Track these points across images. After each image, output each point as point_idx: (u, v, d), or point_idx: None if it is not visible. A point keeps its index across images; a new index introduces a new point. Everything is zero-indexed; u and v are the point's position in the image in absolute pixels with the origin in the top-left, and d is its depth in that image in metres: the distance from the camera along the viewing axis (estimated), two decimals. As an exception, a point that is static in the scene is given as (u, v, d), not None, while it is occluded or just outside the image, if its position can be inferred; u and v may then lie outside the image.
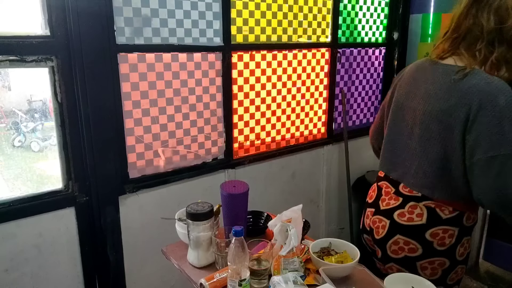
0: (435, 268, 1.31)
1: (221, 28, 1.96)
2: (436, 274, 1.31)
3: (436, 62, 1.28)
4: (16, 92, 1.71)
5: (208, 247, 1.29)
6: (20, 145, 1.90)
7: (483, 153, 1.12)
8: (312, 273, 1.23)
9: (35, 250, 1.62)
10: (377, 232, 1.39)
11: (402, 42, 2.88)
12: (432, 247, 1.28)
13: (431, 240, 1.28)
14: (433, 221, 1.27)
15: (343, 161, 2.73)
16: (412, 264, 1.32)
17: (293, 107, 2.42)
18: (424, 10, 2.75)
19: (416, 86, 1.30)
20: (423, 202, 1.29)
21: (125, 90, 1.73)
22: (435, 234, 1.27)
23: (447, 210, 1.27)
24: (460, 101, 1.15)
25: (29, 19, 1.52)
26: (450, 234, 1.27)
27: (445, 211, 1.27)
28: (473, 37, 1.18)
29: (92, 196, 1.70)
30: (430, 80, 1.26)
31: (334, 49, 2.52)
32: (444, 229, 1.27)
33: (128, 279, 1.88)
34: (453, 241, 1.28)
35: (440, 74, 1.24)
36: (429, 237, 1.28)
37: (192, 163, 2.02)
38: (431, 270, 1.31)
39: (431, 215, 1.27)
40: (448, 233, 1.27)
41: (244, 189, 1.37)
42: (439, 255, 1.29)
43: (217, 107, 2.05)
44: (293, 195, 2.51)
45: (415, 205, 1.30)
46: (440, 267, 1.30)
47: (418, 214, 1.29)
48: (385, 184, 1.43)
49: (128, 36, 1.69)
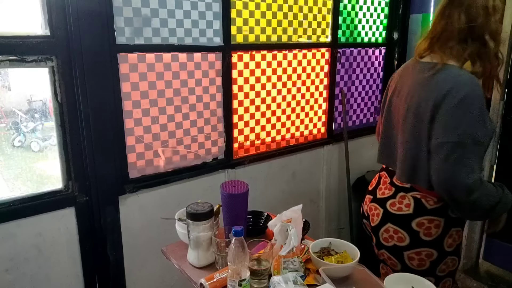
0: (422, 259, 1.34)
1: (221, 28, 1.96)
2: (423, 265, 1.35)
3: (417, 60, 1.38)
4: (16, 92, 1.71)
5: (208, 247, 1.29)
6: (20, 145, 1.90)
7: (436, 138, 1.22)
8: (312, 273, 1.24)
9: (35, 250, 1.62)
10: (372, 219, 1.46)
11: (402, 42, 2.88)
12: (419, 237, 1.33)
13: (417, 230, 1.33)
14: (419, 211, 1.33)
15: (343, 161, 2.73)
16: (400, 253, 1.37)
17: (293, 107, 2.42)
18: (424, 10, 2.75)
19: (401, 84, 1.40)
20: (411, 193, 1.36)
21: (125, 90, 1.73)
22: (420, 224, 1.33)
23: (432, 201, 1.32)
24: (430, 94, 1.24)
25: (29, 19, 1.52)
26: (436, 224, 1.32)
27: (430, 202, 1.33)
28: (447, 36, 1.27)
29: (92, 196, 1.70)
30: (410, 78, 1.36)
31: (334, 49, 2.52)
32: (429, 219, 1.32)
33: (128, 279, 1.88)
34: (440, 232, 1.32)
35: (417, 71, 1.34)
36: (415, 226, 1.33)
37: (192, 163, 2.02)
38: (418, 261, 1.35)
39: (417, 205, 1.34)
40: (433, 223, 1.32)
41: (244, 189, 1.37)
42: (426, 246, 1.33)
43: (217, 107, 2.05)
44: (293, 195, 2.51)
45: (404, 196, 1.37)
46: (428, 258, 1.34)
47: (406, 204, 1.35)
48: (384, 174, 1.52)
49: (128, 36, 1.69)
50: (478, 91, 1.20)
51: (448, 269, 1.38)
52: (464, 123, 1.18)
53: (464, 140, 1.18)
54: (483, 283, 2.62)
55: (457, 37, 1.25)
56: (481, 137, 1.18)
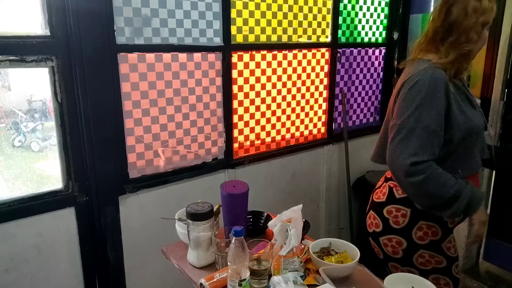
0: (394, 246, 1.41)
1: (221, 28, 1.96)
2: (397, 253, 1.41)
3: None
4: (16, 92, 1.71)
5: (208, 247, 1.29)
6: (20, 145, 1.90)
7: (391, 121, 1.34)
8: (312, 273, 1.24)
9: (35, 250, 1.62)
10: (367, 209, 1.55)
11: (402, 42, 2.88)
12: (389, 224, 1.40)
13: (387, 217, 1.41)
14: (389, 200, 1.42)
15: (343, 161, 2.73)
16: (377, 239, 1.46)
17: (293, 107, 2.42)
18: (424, 10, 2.75)
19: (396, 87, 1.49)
20: (388, 182, 1.46)
21: (125, 90, 1.73)
22: (389, 212, 1.42)
23: (401, 190, 1.38)
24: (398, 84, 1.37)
25: (29, 19, 1.52)
26: (403, 214, 1.38)
27: (399, 191, 1.40)
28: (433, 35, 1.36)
29: (92, 196, 1.70)
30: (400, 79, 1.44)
31: (334, 49, 2.52)
32: (396, 208, 1.39)
33: (128, 279, 1.88)
34: (407, 222, 1.38)
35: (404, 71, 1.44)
36: (386, 213, 1.42)
37: (192, 163, 2.02)
38: (391, 248, 1.41)
39: (389, 193, 1.43)
40: (400, 212, 1.39)
41: (244, 189, 1.37)
42: (395, 233, 1.40)
43: (217, 107, 2.05)
44: (293, 195, 2.51)
45: (385, 185, 1.48)
46: (399, 246, 1.40)
47: (383, 192, 1.46)
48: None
49: (128, 36, 1.69)
50: (433, 79, 1.26)
51: (431, 265, 1.39)
52: (411, 107, 1.25)
53: (408, 122, 1.25)
54: (483, 283, 2.62)
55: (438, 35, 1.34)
56: (428, 122, 1.24)
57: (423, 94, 1.25)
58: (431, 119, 1.24)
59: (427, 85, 1.25)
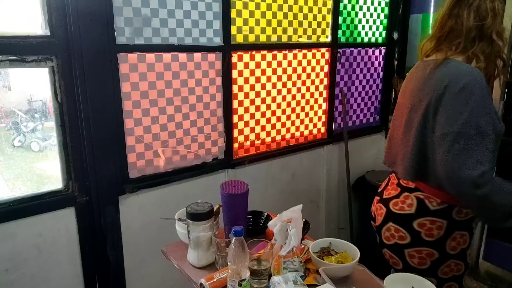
0: (423, 257, 1.34)
1: (221, 28, 1.96)
2: (424, 264, 1.34)
3: (422, 60, 1.39)
4: (16, 92, 1.71)
5: (208, 247, 1.29)
6: (20, 145, 1.90)
7: (440, 130, 1.21)
8: (312, 273, 1.23)
9: (35, 250, 1.62)
10: (377, 219, 1.47)
11: (402, 42, 2.88)
12: (420, 237, 1.32)
13: (418, 230, 1.33)
14: (421, 212, 1.32)
15: (343, 161, 2.73)
16: (401, 251, 1.37)
17: (293, 107, 2.42)
18: (424, 10, 2.75)
19: (406, 85, 1.42)
20: (414, 193, 1.35)
21: (125, 90, 1.73)
22: (422, 224, 1.32)
23: (435, 202, 1.31)
24: (432, 88, 1.25)
25: (29, 19, 1.52)
26: (438, 226, 1.31)
27: (433, 203, 1.31)
28: (455, 35, 1.28)
29: (92, 196, 1.70)
30: (414, 77, 1.37)
31: (334, 49, 2.52)
32: (431, 220, 1.31)
33: (128, 279, 1.88)
34: (442, 234, 1.31)
35: (421, 69, 1.35)
36: (417, 226, 1.33)
37: (192, 163, 2.02)
38: (419, 259, 1.34)
39: (420, 205, 1.33)
40: (435, 224, 1.31)
41: (244, 189, 1.37)
42: (427, 246, 1.32)
43: (217, 107, 2.05)
44: (293, 195, 2.51)
45: (408, 196, 1.36)
46: (428, 257, 1.33)
47: (409, 204, 1.35)
48: (393, 176, 1.50)
49: (128, 36, 1.69)
50: (480, 80, 1.17)
51: (452, 273, 1.35)
52: (466, 112, 1.15)
53: (467, 129, 1.14)
54: (483, 283, 2.62)
55: (465, 35, 1.26)
56: (485, 127, 1.14)
57: (476, 97, 1.15)
58: (487, 122, 1.15)
59: (477, 87, 1.16)
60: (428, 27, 2.75)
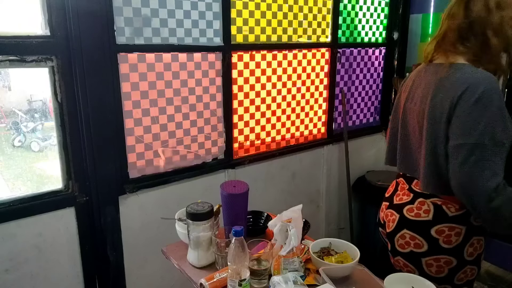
0: (441, 266, 1.29)
1: (221, 28, 1.96)
2: (442, 272, 1.29)
3: (428, 63, 1.34)
4: (16, 92, 1.71)
5: (208, 247, 1.29)
6: (20, 145, 1.90)
7: (455, 140, 1.16)
8: (312, 273, 1.23)
9: (35, 250, 1.62)
10: (388, 225, 1.41)
11: (402, 42, 2.88)
12: (438, 244, 1.27)
13: (436, 237, 1.27)
14: (439, 218, 1.27)
15: (343, 161, 2.73)
16: (418, 260, 1.31)
17: (293, 107, 2.42)
18: (424, 10, 2.75)
19: (415, 89, 1.36)
20: (430, 199, 1.30)
21: (125, 90, 1.73)
22: (440, 231, 1.27)
23: (454, 208, 1.27)
24: (446, 94, 1.19)
25: (29, 19, 1.52)
26: (457, 232, 1.26)
27: (451, 209, 1.27)
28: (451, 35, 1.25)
29: (92, 196, 1.70)
30: (423, 82, 1.31)
31: (334, 49, 2.52)
32: (450, 226, 1.26)
33: (128, 279, 1.88)
34: (460, 240, 1.26)
35: (430, 74, 1.30)
36: (435, 233, 1.27)
37: (192, 163, 2.02)
38: (437, 268, 1.29)
39: (437, 212, 1.28)
40: (454, 231, 1.26)
41: (244, 189, 1.37)
42: (445, 253, 1.28)
43: (217, 107, 2.05)
44: (293, 195, 2.51)
45: (423, 202, 1.31)
46: (447, 265, 1.28)
47: (425, 210, 1.29)
48: (402, 181, 1.45)
49: (128, 36, 1.69)
50: (496, 88, 1.14)
51: (466, 278, 1.32)
52: (482, 123, 1.11)
53: (483, 140, 1.11)
54: (483, 283, 2.62)
55: (458, 34, 1.23)
56: (502, 137, 1.11)
57: (493, 106, 1.11)
58: (503, 132, 1.11)
59: (494, 96, 1.12)
60: (428, 27, 2.75)
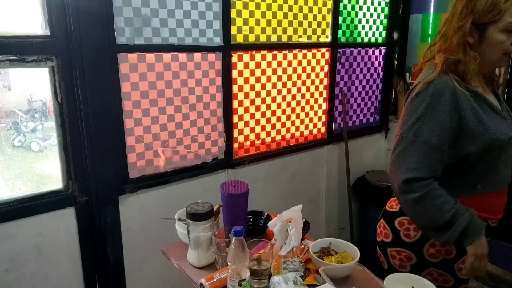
0: (402, 260, 1.32)
1: (221, 28, 1.96)
2: (404, 267, 1.32)
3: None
4: (16, 92, 1.71)
5: (208, 247, 1.29)
6: (20, 145, 1.90)
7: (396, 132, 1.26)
8: (312, 273, 1.23)
9: (35, 250, 1.62)
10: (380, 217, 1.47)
11: (402, 42, 2.88)
12: (399, 237, 1.32)
13: (398, 228, 1.32)
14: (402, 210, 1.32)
15: (343, 161, 2.73)
16: (385, 249, 1.37)
17: (293, 107, 2.42)
18: (424, 10, 2.75)
19: None
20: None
21: (125, 90, 1.73)
22: (401, 223, 1.32)
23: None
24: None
25: (29, 19, 1.52)
26: (415, 227, 1.28)
27: None
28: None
29: (92, 196, 1.70)
30: None
31: (334, 49, 2.52)
32: (409, 220, 1.29)
33: (128, 279, 1.88)
34: (419, 236, 1.27)
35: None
36: (397, 225, 1.33)
37: (192, 163, 2.02)
38: (399, 262, 1.33)
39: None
40: (413, 225, 1.29)
41: (244, 189, 1.37)
42: (405, 247, 1.31)
43: (217, 107, 2.05)
44: (293, 195, 2.51)
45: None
46: (407, 260, 1.31)
47: (397, 202, 1.34)
48: None
49: (128, 36, 1.69)
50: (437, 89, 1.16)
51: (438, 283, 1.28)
52: (412, 118, 1.18)
53: (407, 135, 1.18)
54: (483, 283, 2.62)
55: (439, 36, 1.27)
56: (428, 137, 1.15)
57: (425, 105, 1.17)
58: (432, 133, 1.15)
59: (430, 96, 1.16)
60: (428, 27, 2.75)
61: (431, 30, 2.74)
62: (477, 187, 1.23)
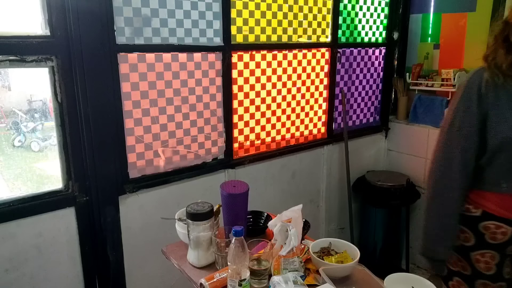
0: (487, 262, 1.32)
1: (221, 28, 1.96)
2: (490, 269, 1.32)
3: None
4: (16, 92, 1.71)
5: (208, 247, 1.29)
6: (20, 145, 1.90)
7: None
8: (312, 273, 1.24)
9: (35, 250, 1.62)
10: None
11: (402, 42, 2.88)
12: (484, 239, 1.32)
13: (483, 232, 1.32)
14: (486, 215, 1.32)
15: (343, 161, 2.73)
16: (467, 254, 1.36)
17: (293, 107, 2.42)
18: (424, 10, 2.75)
19: None
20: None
21: (125, 90, 1.73)
22: (486, 228, 1.31)
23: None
24: None
25: (29, 19, 1.52)
26: (503, 232, 1.29)
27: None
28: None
29: (92, 196, 1.70)
30: None
31: (334, 49, 2.52)
32: (497, 225, 1.29)
33: (128, 279, 1.88)
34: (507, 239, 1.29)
35: None
36: (482, 229, 1.32)
37: (192, 163, 2.02)
38: (484, 264, 1.33)
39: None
40: (500, 230, 1.29)
41: (244, 189, 1.37)
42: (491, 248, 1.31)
43: (217, 107, 2.05)
44: (293, 195, 2.51)
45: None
46: (492, 260, 1.31)
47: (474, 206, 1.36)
48: None
49: (128, 36, 1.69)
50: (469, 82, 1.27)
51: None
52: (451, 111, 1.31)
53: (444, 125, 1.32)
54: None
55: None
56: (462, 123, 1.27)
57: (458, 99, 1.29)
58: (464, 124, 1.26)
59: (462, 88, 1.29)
60: (428, 27, 2.75)
61: (431, 30, 2.74)
62: (501, 184, 1.26)
